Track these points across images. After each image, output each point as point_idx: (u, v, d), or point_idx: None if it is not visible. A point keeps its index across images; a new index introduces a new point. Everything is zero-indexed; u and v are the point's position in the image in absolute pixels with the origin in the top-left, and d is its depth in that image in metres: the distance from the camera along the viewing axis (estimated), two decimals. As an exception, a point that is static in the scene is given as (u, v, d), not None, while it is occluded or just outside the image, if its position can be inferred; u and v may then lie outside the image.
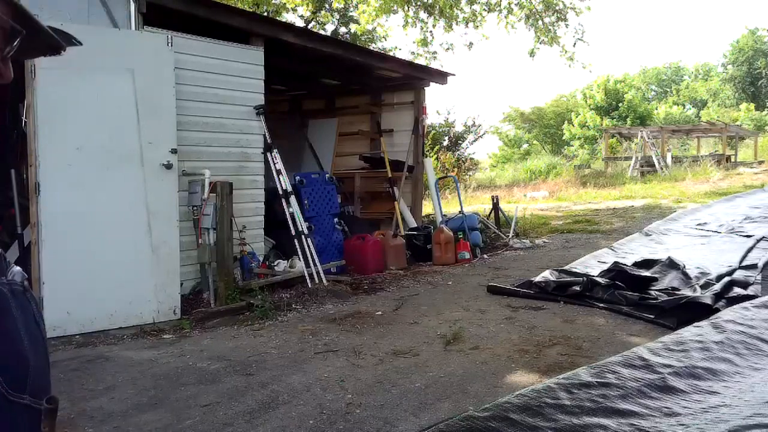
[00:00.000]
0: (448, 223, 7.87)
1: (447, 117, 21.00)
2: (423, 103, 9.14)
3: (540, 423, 2.24)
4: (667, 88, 50.23)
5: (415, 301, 5.47)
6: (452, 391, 3.28)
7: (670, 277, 5.40)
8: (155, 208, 4.92)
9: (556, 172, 22.23)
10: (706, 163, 19.92)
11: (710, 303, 4.38)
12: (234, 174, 5.81)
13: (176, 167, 5.06)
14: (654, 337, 3.77)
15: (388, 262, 7.03)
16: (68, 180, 4.58)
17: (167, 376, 3.67)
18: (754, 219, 8.84)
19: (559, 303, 5.11)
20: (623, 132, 26.10)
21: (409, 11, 13.71)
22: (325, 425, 2.90)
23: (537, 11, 13.51)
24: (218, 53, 5.75)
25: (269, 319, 4.90)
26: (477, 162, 23.03)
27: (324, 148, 9.39)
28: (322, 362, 3.83)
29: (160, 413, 3.11)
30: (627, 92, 32.69)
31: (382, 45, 17.47)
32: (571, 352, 3.84)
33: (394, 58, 9.91)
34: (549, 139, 36.37)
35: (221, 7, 6.19)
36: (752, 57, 42.08)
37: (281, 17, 14.73)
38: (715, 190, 14.50)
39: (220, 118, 5.77)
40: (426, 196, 10.56)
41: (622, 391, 2.54)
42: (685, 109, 42.70)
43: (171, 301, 4.98)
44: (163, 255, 4.95)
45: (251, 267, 5.80)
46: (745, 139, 28.36)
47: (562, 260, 6.88)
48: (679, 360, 2.92)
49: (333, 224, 7.09)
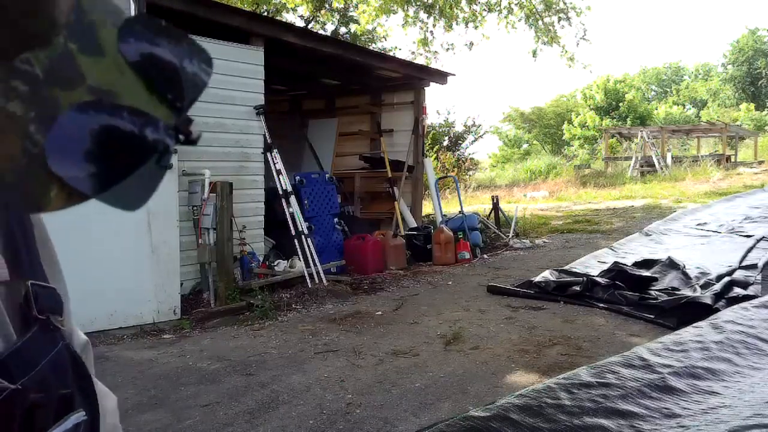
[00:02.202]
0: (448, 223, 7.87)
1: (447, 117, 21.01)
2: (423, 103, 9.13)
3: (540, 423, 2.24)
4: (667, 88, 50.25)
5: (415, 301, 5.46)
6: (452, 391, 3.28)
7: (670, 277, 5.40)
8: (155, 208, 4.92)
9: (556, 172, 22.22)
10: (706, 163, 19.92)
11: (710, 303, 4.38)
12: (234, 174, 5.81)
13: (176, 167, 5.06)
14: (654, 337, 3.77)
15: (388, 262, 7.03)
16: (68, 180, 4.57)
17: (167, 376, 3.67)
18: (754, 219, 8.84)
19: (559, 303, 5.10)
20: (623, 132, 26.08)
21: (409, 11, 13.71)
22: (325, 425, 2.90)
23: (537, 11, 13.51)
24: (218, 53, 5.74)
25: (269, 319, 4.90)
26: (477, 162, 23.01)
27: (324, 148, 9.39)
28: (322, 362, 3.83)
29: (160, 413, 3.11)
30: (627, 92, 32.68)
31: (382, 45, 17.48)
32: (571, 352, 3.84)
33: (394, 58, 9.91)
34: (549, 139, 36.36)
35: (221, 7, 6.19)
36: (752, 57, 42.09)
37: (281, 17, 14.73)
38: (715, 190, 14.50)
39: (221, 118, 5.77)
40: (426, 196, 10.56)
41: (622, 392, 2.54)
42: (685, 109, 42.70)
43: (171, 301, 4.98)
44: (163, 255, 4.95)
45: (251, 267, 5.80)
46: (745, 139, 28.36)
47: (562, 260, 6.88)
48: (678, 360, 2.92)
49: (333, 224, 7.09)
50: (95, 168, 0.36)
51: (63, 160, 0.35)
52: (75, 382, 0.55)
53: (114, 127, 0.36)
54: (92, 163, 0.35)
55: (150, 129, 0.37)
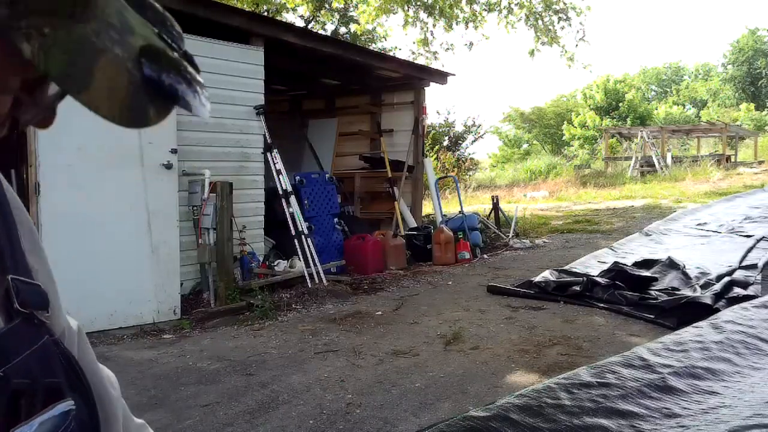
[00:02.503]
0: (448, 223, 7.87)
1: (447, 117, 21.01)
2: (423, 103, 9.13)
3: (540, 423, 2.24)
4: (667, 88, 50.25)
5: (415, 301, 5.47)
6: (452, 391, 3.28)
7: (670, 277, 5.40)
8: (155, 208, 4.92)
9: (556, 172, 22.23)
10: (706, 163, 19.93)
11: (710, 303, 4.38)
12: (234, 174, 5.80)
13: (176, 167, 5.06)
14: (654, 337, 3.77)
15: (388, 262, 7.03)
16: (68, 180, 4.58)
17: (167, 376, 3.67)
18: (754, 219, 8.84)
19: (559, 303, 5.10)
20: (623, 132, 26.09)
21: (409, 11, 13.70)
22: (325, 425, 2.90)
23: (537, 11, 13.50)
24: (218, 53, 5.75)
25: (269, 319, 4.90)
26: (477, 162, 23.03)
27: (324, 148, 9.39)
28: (322, 362, 3.83)
29: (160, 413, 3.11)
30: (627, 92, 32.68)
31: (382, 45, 17.49)
32: (571, 352, 3.84)
33: (394, 58, 9.91)
34: (549, 139, 36.35)
35: (221, 6, 6.19)
36: (752, 57, 42.09)
37: (281, 17, 14.72)
38: (715, 190, 14.51)
39: (220, 118, 5.77)
40: (426, 196, 10.56)
41: (622, 392, 2.54)
42: (685, 109, 42.70)
43: (171, 301, 4.98)
44: (163, 255, 4.95)
45: (251, 267, 5.80)
46: (745, 139, 28.37)
47: (562, 260, 6.88)
48: (678, 360, 2.92)
49: (333, 224, 7.09)
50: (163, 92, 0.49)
51: (151, 88, 0.48)
52: (64, 375, 0.57)
53: (161, 68, 0.49)
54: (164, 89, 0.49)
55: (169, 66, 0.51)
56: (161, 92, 0.49)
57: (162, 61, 0.49)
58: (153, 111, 0.48)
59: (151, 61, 0.48)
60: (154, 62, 0.48)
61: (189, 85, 0.51)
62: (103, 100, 0.46)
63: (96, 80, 0.45)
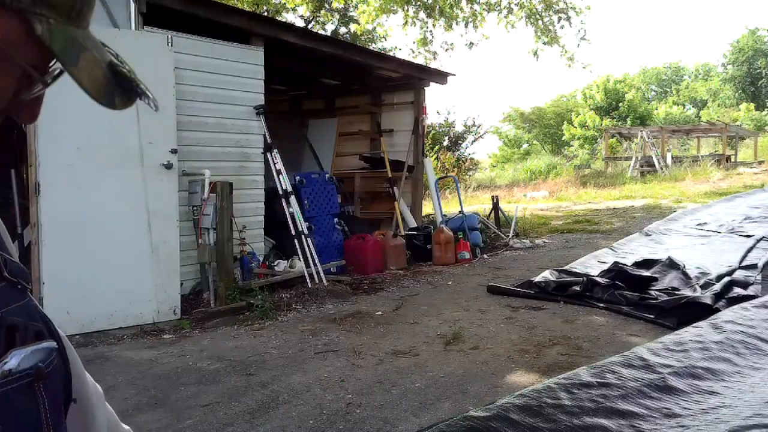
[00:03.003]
0: (448, 223, 7.87)
1: (447, 117, 21.01)
2: (423, 103, 9.14)
3: (540, 423, 2.24)
4: (667, 88, 50.24)
5: (415, 301, 5.47)
6: (452, 391, 3.28)
7: (670, 277, 5.40)
8: (155, 208, 4.92)
9: (556, 172, 22.23)
10: (706, 163, 19.93)
11: (710, 303, 4.38)
12: (234, 174, 5.80)
13: (176, 167, 5.06)
14: (654, 337, 3.77)
15: (388, 262, 7.03)
16: (68, 180, 4.58)
17: (167, 376, 3.67)
18: (754, 219, 8.84)
19: (559, 303, 5.10)
20: (623, 132, 26.09)
21: (409, 11, 13.69)
22: (325, 425, 2.90)
23: (537, 11, 13.49)
24: (218, 53, 5.75)
25: (269, 319, 4.90)
26: (477, 162, 23.03)
27: (324, 148, 9.39)
28: (322, 362, 3.83)
29: (160, 413, 3.11)
30: (627, 92, 32.68)
31: (382, 45, 17.48)
32: (571, 352, 3.84)
33: (394, 58, 9.91)
34: (549, 139, 36.35)
35: (221, 6, 6.19)
36: (752, 57, 42.08)
37: (281, 17, 14.73)
38: (715, 190, 14.51)
39: (220, 118, 5.77)
40: (426, 196, 10.56)
41: (623, 391, 2.54)
42: (685, 109, 42.69)
43: (171, 301, 4.98)
44: (163, 255, 4.95)
45: (251, 267, 5.80)
46: (745, 139, 28.37)
47: (562, 260, 6.88)
48: (678, 360, 2.92)
49: (333, 224, 7.09)
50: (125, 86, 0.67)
51: (116, 84, 0.65)
52: (45, 328, 0.68)
53: (122, 69, 0.68)
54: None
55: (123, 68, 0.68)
56: (123, 89, 0.66)
57: (122, 74, 0.67)
58: (118, 99, 0.65)
59: (114, 73, 0.65)
60: (118, 74, 0.66)
61: (142, 92, 0.68)
62: (85, 77, 0.63)
63: (81, 62, 0.63)
